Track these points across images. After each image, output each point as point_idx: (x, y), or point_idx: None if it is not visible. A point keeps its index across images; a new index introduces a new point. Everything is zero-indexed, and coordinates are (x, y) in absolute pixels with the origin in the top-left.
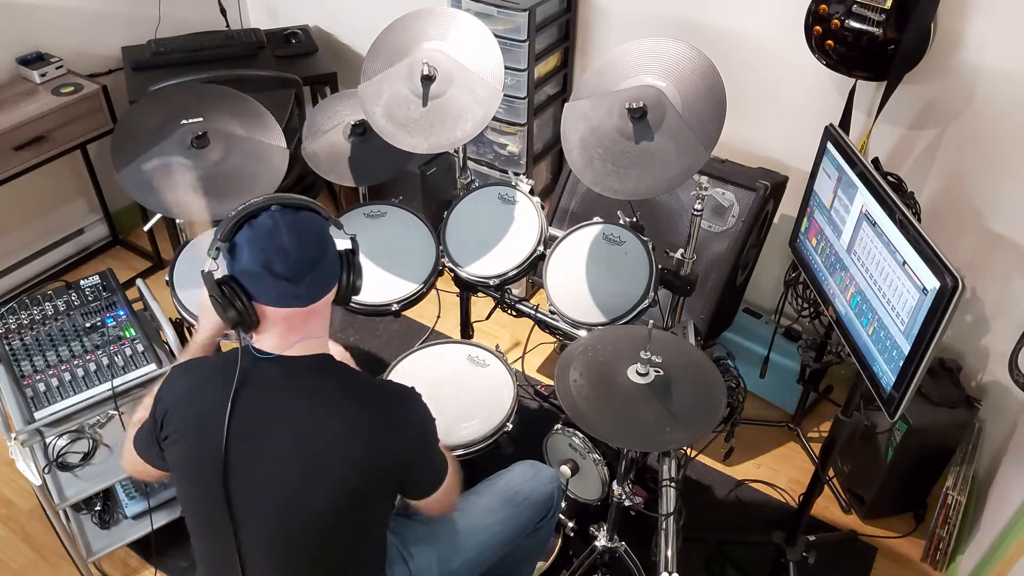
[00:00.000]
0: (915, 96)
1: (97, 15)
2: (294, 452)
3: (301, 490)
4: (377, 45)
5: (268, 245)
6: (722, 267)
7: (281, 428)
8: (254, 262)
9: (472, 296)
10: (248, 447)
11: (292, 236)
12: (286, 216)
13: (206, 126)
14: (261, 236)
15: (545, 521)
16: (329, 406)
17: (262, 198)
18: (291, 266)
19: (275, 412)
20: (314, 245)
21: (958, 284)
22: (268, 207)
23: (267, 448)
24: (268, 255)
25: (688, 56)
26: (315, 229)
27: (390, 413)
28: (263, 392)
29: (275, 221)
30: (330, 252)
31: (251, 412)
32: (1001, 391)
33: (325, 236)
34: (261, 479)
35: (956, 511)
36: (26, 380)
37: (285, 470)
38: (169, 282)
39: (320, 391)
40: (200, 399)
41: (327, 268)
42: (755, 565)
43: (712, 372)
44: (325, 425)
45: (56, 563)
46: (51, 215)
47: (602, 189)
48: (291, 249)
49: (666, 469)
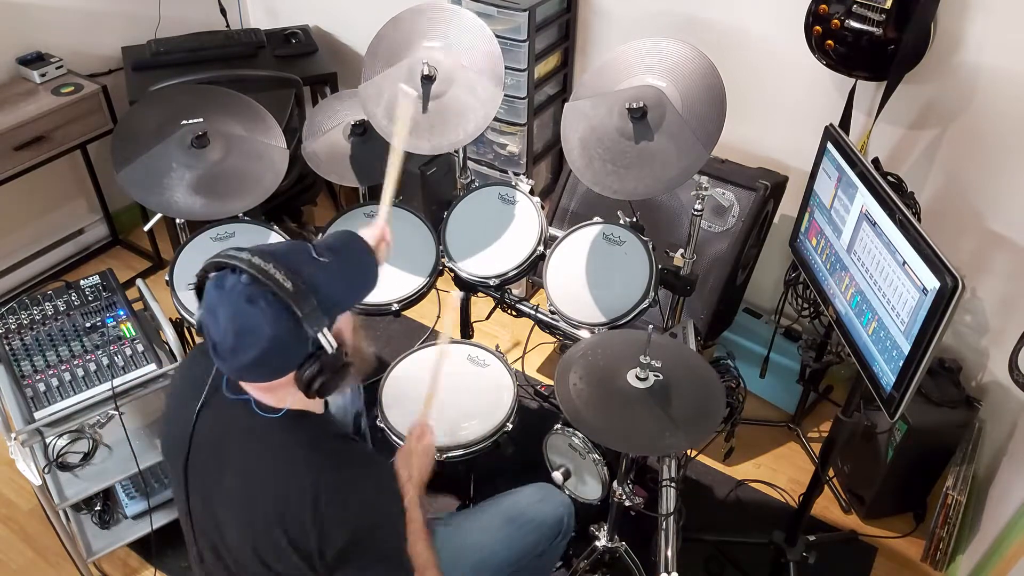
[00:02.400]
0: (915, 96)
1: (97, 15)
2: (235, 498)
3: (232, 537)
4: (377, 45)
5: (207, 308)
6: (722, 267)
7: (229, 471)
8: (200, 311)
9: (472, 296)
10: (204, 480)
11: (225, 319)
12: (240, 296)
13: (206, 126)
14: (208, 294)
15: (554, 544)
16: (267, 466)
17: (262, 261)
18: (215, 344)
19: (226, 453)
20: (246, 343)
21: (958, 284)
22: (242, 271)
23: (219, 485)
24: (205, 317)
25: (688, 56)
26: (257, 331)
27: (335, 483)
28: (223, 427)
29: (226, 292)
30: (266, 354)
31: (210, 442)
32: (1001, 391)
33: (263, 339)
34: (207, 509)
35: (956, 511)
36: (26, 380)
37: (225, 511)
38: (169, 282)
39: (273, 446)
40: (173, 408)
41: (259, 365)
42: (755, 565)
43: (711, 378)
44: (260, 484)
45: (56, 563)
46: (51, 215)
47: (602, 189)
48: (218, 330)
49: (666, 469)
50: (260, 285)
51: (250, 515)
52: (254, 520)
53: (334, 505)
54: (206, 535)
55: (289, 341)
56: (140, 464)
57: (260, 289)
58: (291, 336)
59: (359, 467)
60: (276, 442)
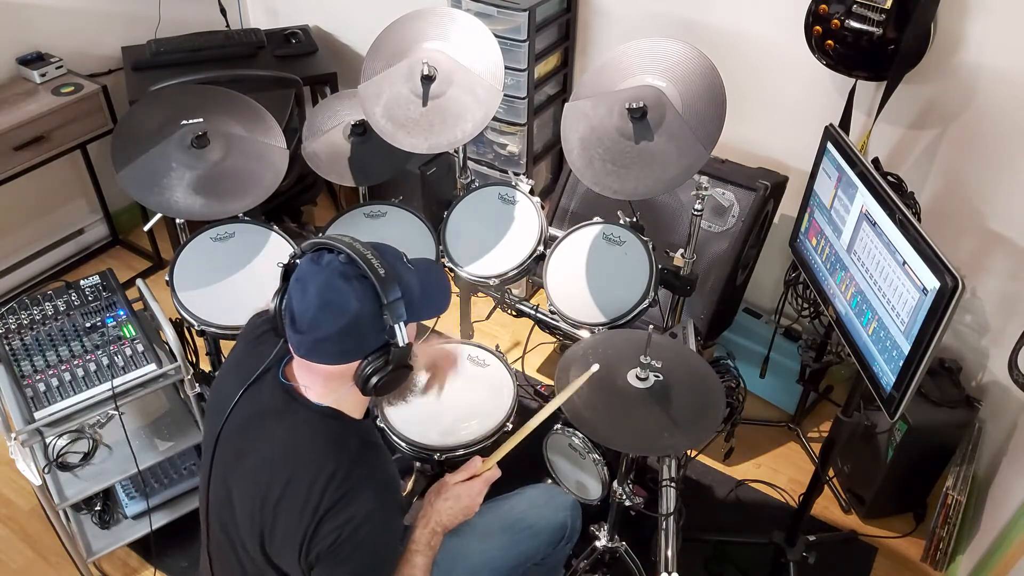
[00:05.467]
0: (915, 96)
1: (97, 15)
2: (250, 478)
3: (241, 516)
4: (377, 45)
5: (297, 279)
6: (722, 267)
7: (252, 450)
8: (288, 286)
9: (472, 296)
10: (228, 455)
11: (315, 291)
12: (334, 271)
13: (206, 126)
14: (302, 267)
15: (557, 549)
16: (285, 450)
17: (361, 247)
18: (294, 316)
19: (254, 433)
20: (329, 316)
21: (958, 284)
22: (340, 251)
23: (240, 462)
24: (292, 289)
25: (688, 56)
26: (344, 305)
27: (342, 483)
28: (259, 408)
29: (322, 267)
30: (344, 331)
31: (244, 422)
32: (1001, 391)
33: (347, 314)
34: (224, 485)
35: (956, 511)
36: (26, 380)
37: (239, 489)
38: (169, 282)
39: (298, 434)
40: (224, 379)
41: (334, 342)
42: (755, 565)
43: (711, 378)
44: (274, 466)
45: (56, 563)
46: (51, 215)
47: (602, 189)
48: (303, 301)
49: (666, 469)
50: (356, 266)
51: (260, 495)
52: (264, 500)
53: (333, 505)
54: (218, 512)
55: (369, 323)
56: (140, 464)
57: (355, 269)
58: (372, 319)
59: (370, 478)
60: (302, 431)
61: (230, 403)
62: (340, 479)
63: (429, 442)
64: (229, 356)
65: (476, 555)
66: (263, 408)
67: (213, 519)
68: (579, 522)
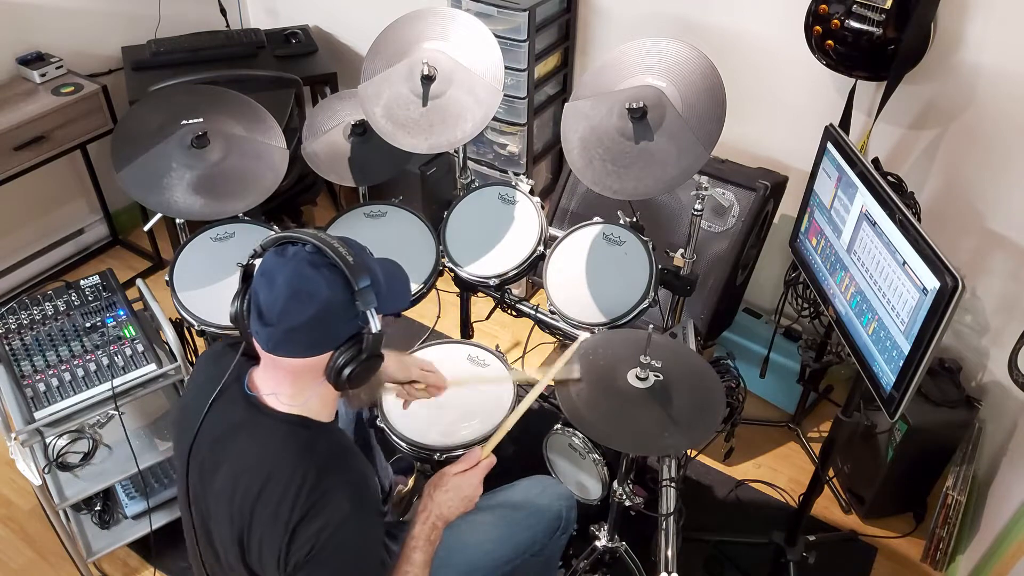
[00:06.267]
0: (915, 96)
1: (97, 15)
2: (226, 492)
3: (222, 531)
4: (377, 45)
5: (262, 274)
6: (722, 267)
7: (224, 465)
8: (251, 285)
9: (472, 296)
10: (201, 472)
11: (283, 281)
12: (302, 260)
13: (206, 126)
14: (266, 262)
15: (553, 540)
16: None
17: (327, 236)
18: (261, 310)
19: (225, 448)
20: (299, 304)
21: (958, 284)
22: (306, 242)
23: (214, 477)
24: (257, 284)
25: (688, 56)
26: (314, 292)
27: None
28: (228, 422)
29: (288, 259)
30: (315, 319)
31: (214, 437)
32: (1001, 391)
33: (318, 302)
34: (203, 502)
35: (956, 511)
36: (26, 380)
37: (216, 505)
38: (169, 282)
39: (268, 443)
40: (187, 398)
41: (305, 332)
42: (755, 565)
43: (711, 378)
44: (248, 479)
45: (56, 563)
46: (51, 215)
47: (602, 189)
48: (270, 294)
49: (666, 469)
50: (323, 255)
51: (237, 508)
52: (239, 514)
53: (304, 515)
54: (203, 526)
55: (340, 311)
56: (140, 464)
57: (323, 258)
58: (343, 307)
59: (343, 484)
60: (270, 442)
61: (196, 420)
62: (308, 488)
63: (429, 442)
64: (189, 379)
65: (473, 547)
66: (230, 423)
67: (200, 535)
68: (574, 512)
